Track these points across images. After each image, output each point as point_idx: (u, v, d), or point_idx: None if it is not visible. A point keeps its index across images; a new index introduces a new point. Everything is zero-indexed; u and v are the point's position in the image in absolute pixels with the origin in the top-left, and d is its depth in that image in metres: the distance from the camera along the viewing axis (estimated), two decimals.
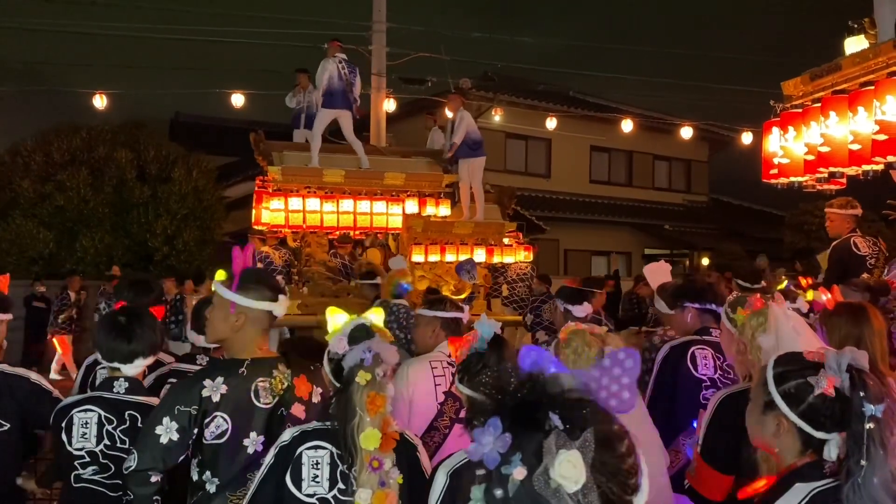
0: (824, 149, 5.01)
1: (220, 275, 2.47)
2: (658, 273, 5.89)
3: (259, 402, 2.38)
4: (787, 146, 5.54)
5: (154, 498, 2.40)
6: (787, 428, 1.67)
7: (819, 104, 5.16)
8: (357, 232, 10.74)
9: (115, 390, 2.67)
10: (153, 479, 2.35)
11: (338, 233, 10.52)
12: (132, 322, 2.70)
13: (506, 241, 11.07)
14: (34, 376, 2.93)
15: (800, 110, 5.44)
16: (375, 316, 2.17)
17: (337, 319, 2.14)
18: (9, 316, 3.01)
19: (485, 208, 11.35)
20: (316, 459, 2.06)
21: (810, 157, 5.21)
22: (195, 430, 2.35)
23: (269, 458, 2.12)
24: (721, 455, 2.29)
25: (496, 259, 10.83)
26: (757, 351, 2.18)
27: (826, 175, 5.13)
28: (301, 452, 2.07)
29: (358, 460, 1.96)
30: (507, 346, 2.19)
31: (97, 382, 2.96)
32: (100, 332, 2.73)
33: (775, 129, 5.70)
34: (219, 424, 2.34)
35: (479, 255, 10.72)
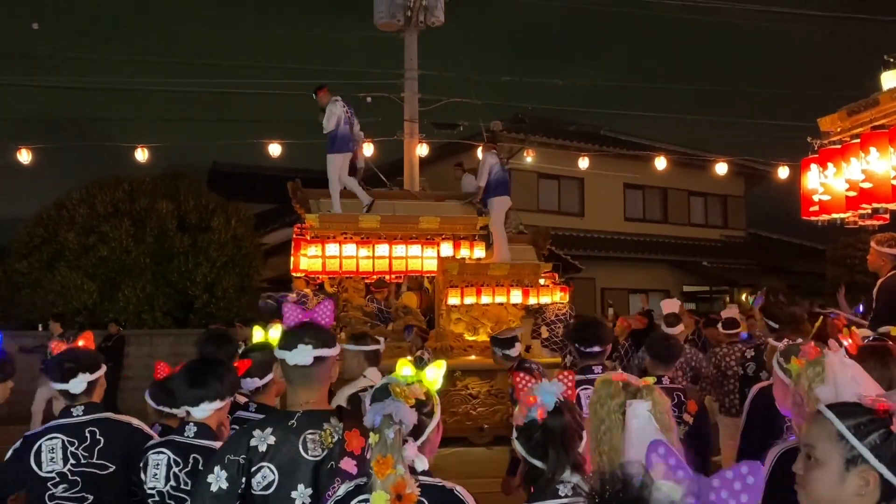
0: (866, 185, 4.94)
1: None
2: (669, 306, 6.47)
3: (307, 454, 2.40)
4: (827, 183, 5.47)
5: None
6: (874, 483, 1.59)
7: (858, 140, 5.10)
8: (392, 276, 10.81)
9: (185, 434, 2.85)
10: None
11: (374, 277, 10.60)
12: (200, 369, 2.93)
13: (542, 281, 11.02)
14: (136, 422, 3.17)
15: (839, 146, 5.38)
16: (434, 370, 2.16)
17: (404, 373, 2.15)
18: (104, 370, 3.27)
19: (520, 249, 11.35)
20: None
21: (852, 194, 5.13)
22: (243, 480, 2.38)
23: None
24: None
25: (532, 300, 10.79)
26: (815, 403, 2.10)
27: (869, 211, 5.04)
28: None
29: None
30: (568, 412, 2.14)
31: None
32: (175, 380, 3.05)
33: (814, 166, 5.64)
34: (265, 475, 2.36)
35: (516, 297, 10.70)
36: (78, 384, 3.10)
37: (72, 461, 2.98)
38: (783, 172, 14.83)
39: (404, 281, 11.63)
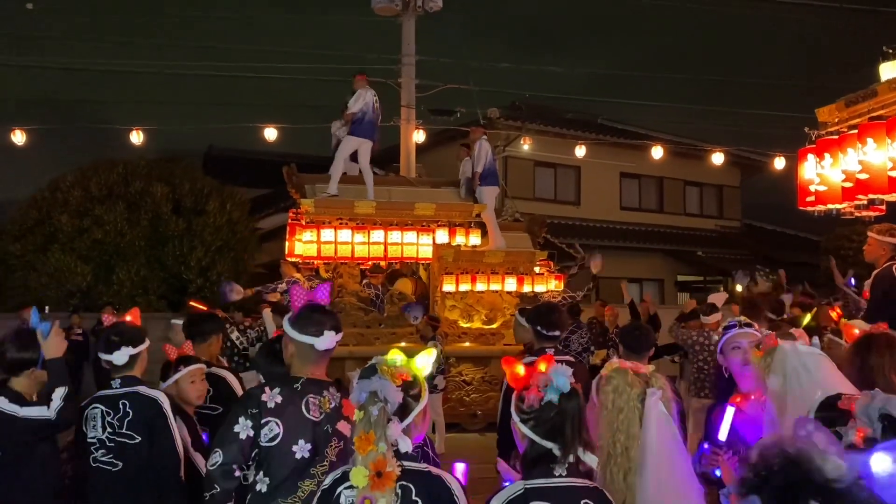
0: (863, 175, 4.94)
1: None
2: (715, 298, 6.70)
3: (308, 414, 2.68)
4: (823, 173, 5.47)
5: (233, 494, 2.65)
6: None
7: (856, 131, 5.09)
8: (388, 263, 10.79)
9: None
10: (237, 472, 2.65)
11: (369, 263, 10.58)
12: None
13: (537, 269, 11.03)
14: (162, 398, 3.33)
15: (836, 137, 5.38)
16: (424, 357, 2.16)
17: (395, 360, 2.15)
18: (146, 344, 3.45)
19: (516, 237, 11.35)
20: (352, 498, 2.07)
21: (848, 185, 5.14)
22: (256, 431, 2.65)
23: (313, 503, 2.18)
24: None
25: (527, 288, 10.80)
26: (766, 391, 2.11)
27: (865, 202, 5.05)
28: (340, 493, 2.09)
29: (355, 497, 1.99)
30: (578, 395, 2.13)
31: None
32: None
33: (811, 157, 5.63)
34: (272, 428, 2.64)
35: (510, 284, 10.70)
36: (121, 356, 3.34)
37: (108, 430, 3.25)
38: (779, 163, 14.83)
39: (403, 267, 11.60)
